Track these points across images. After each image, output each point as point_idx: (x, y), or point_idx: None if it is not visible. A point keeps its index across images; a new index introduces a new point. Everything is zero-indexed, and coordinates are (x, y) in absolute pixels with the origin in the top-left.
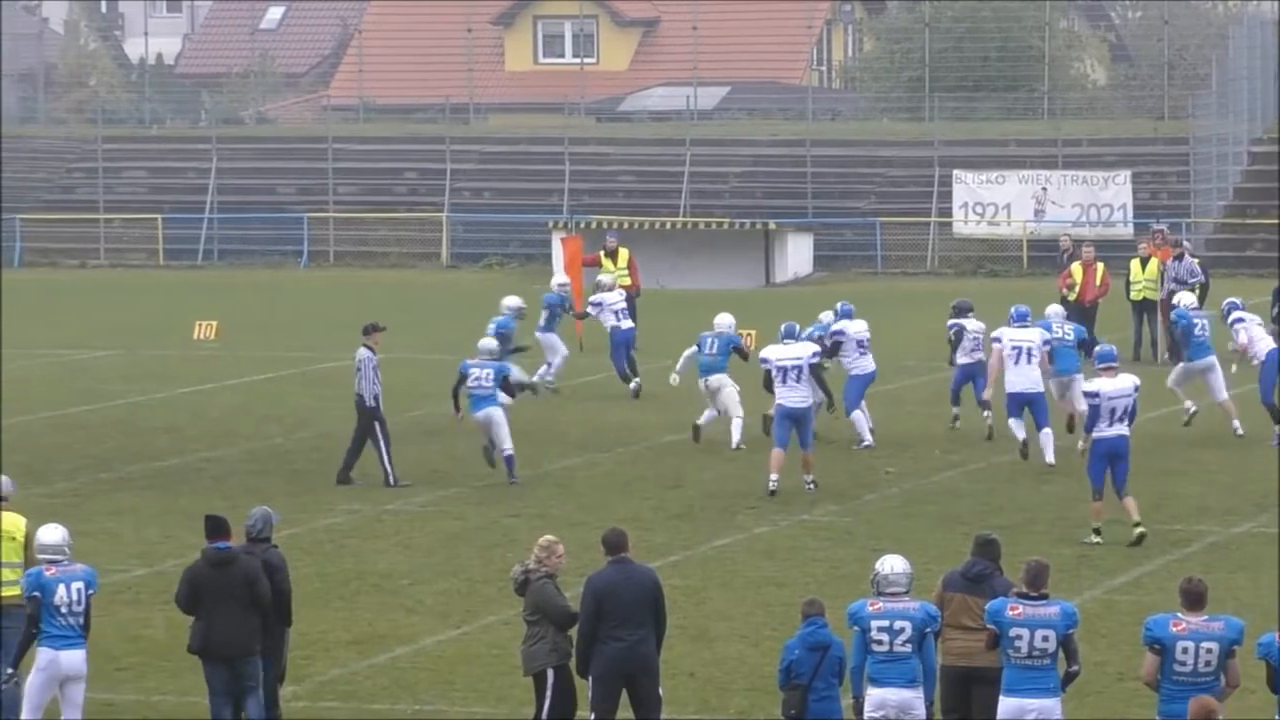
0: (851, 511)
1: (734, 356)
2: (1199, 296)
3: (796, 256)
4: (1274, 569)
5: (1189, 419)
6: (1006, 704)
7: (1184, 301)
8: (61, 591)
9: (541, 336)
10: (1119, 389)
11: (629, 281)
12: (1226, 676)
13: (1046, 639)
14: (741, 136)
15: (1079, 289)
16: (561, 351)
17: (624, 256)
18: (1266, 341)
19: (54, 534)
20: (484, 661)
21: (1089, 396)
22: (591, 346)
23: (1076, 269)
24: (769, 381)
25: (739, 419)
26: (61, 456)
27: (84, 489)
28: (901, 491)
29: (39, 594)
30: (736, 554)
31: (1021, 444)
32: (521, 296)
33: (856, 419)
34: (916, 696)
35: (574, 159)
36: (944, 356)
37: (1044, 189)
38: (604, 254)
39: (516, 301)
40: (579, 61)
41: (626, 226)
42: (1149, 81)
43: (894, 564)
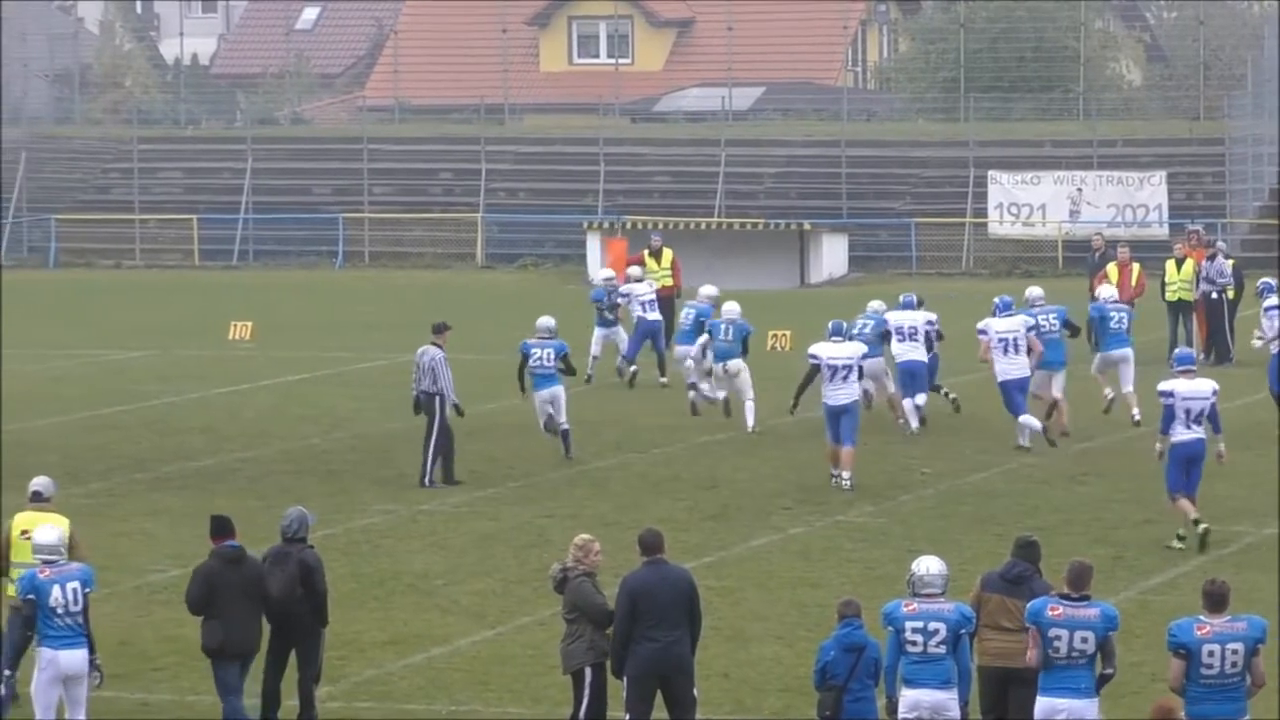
0: (886, 512)
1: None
2: (1234, 297)
3: (831, 257)
4: None
5: (1107, 406)
6: (1042, 704)
7: (1103, 295)
8: (56, 593)
9: (601, 333)
10: (1195, 391)
11: (671, 281)
12: (1252, 675)
13: (1085, 640)
14: (776, 137)
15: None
16: (623, 335)
17: (667, 256)
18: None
19: (49, 534)
20: (519, 662)
21: (1163, 396)
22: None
23: (1112, 269)
24: (811, 377)
25: (750, 401)
26: (97, 457)
27: (119, 489)
28: (937, 492)
29: (34, 596)
30: (771, 555)
31: (1040, 429)
32: (534, 297)
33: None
34: (950, 698)
35: (609, 159)
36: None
37: (1079, 189)
38: (648, 253)
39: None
40: (614, 62)
41: (662, 227)
42: (1184, 82)
43: (929, 565)
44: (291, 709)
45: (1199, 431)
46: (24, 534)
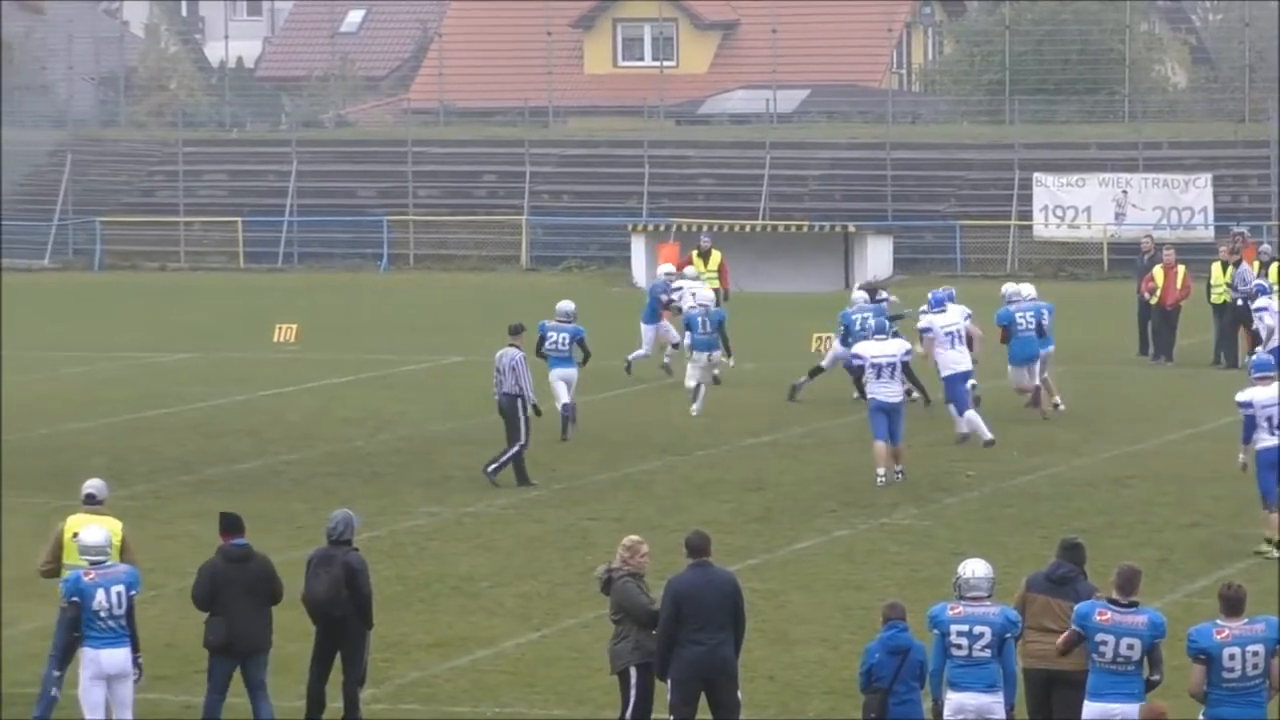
0: (931, 514)
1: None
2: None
3: (876, 259)
4: None
5: (1030, 400)
6: (1091, 708)
7: (1024, 292)
8: (100, 596)
9: (645, 328)
10: (1270, 398)
11: (718, 283)
12: (1269, 678)
13: (1131, 647)
14: (821, 139)
15: (1160, 292)
16: (672, 337)
17: (715, 258)
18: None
19: (95, 536)
20: (564, 664)
21: (1242, 406)
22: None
23: (1158, 272)
24: (861, 376)
25: (705, 388)
26: (142, 459)
27: (164, 491)
28: (981, 495)
29: (78, 599)
30: (816, 557)
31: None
32: (579, 299)
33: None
34: (995, 701)
35: (653, 162)
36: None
37: (1124, 192)
38: (696, 254)
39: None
40: (658, 64)
41: (706, 229)
42: (1229, 84)
43: (975, 568)
44: (336, 710)
45: None
46: (76, 536)
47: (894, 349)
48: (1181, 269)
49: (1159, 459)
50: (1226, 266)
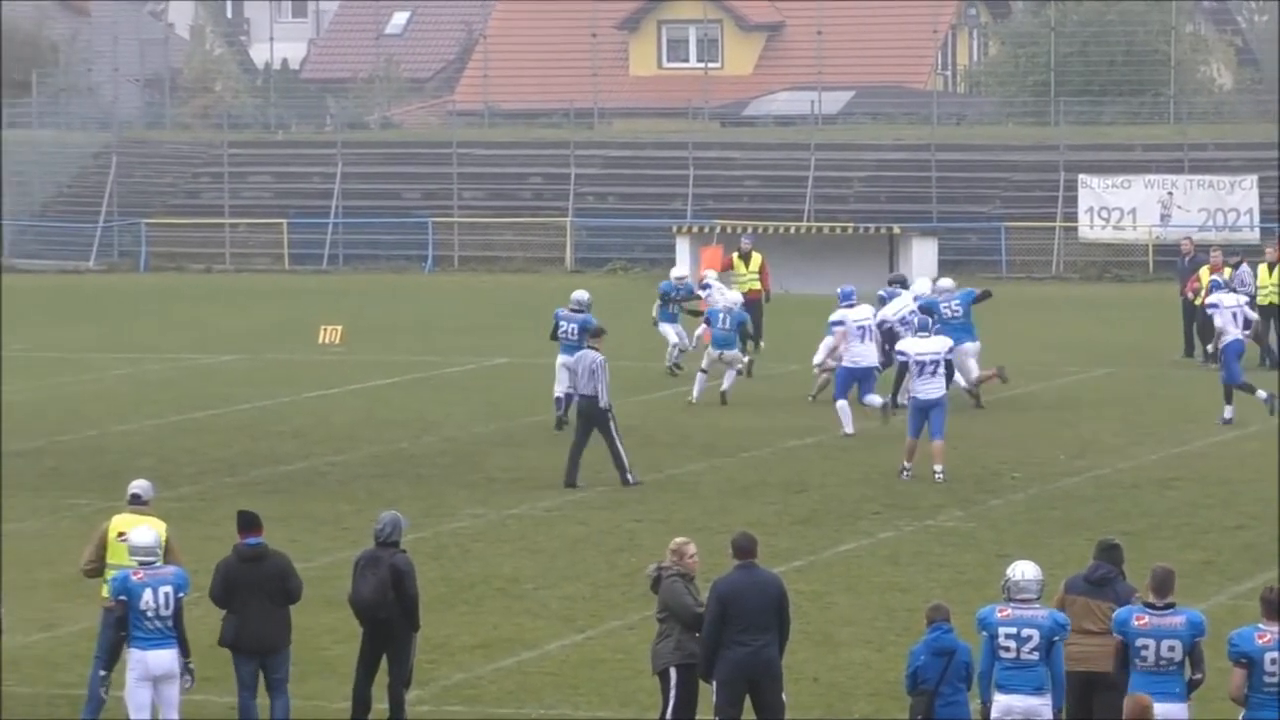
0: (976, 516)
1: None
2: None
3: (921, 261)
4: None
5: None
6: None
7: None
8: (148, 596)
9: (662, 327)
10: None
11: (759, 285)
12: None
13: (1172, 649)
14: (866, 141)
15: (1204, 293)
16: (671, 340)
17: (756, 260)
18: (1231, 334)
19: (145, 536)
20: (608, 666)
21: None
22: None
23: (1204, 273)
24: (903, 373)
25: (732, 373)
26: (187, 460)
27: (210, 493)
28: (1026, 497)
29: (125, 598)
30: (861, 559)
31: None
32: (623, 301)
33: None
34: (1043, 704)
35: (698, 163)
36: (1070, 361)
37: (1170, 193)
38: (737, 256)
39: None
40: (703, 66)
41: (751, 231)
42: (1275, 85)
43: (1025, 570)
44: (382, 712)
45: None
46: (121, 536)
47: (937, 347)
48: (1228, 271)
49: (1204, 461)
50: (1273, 268)
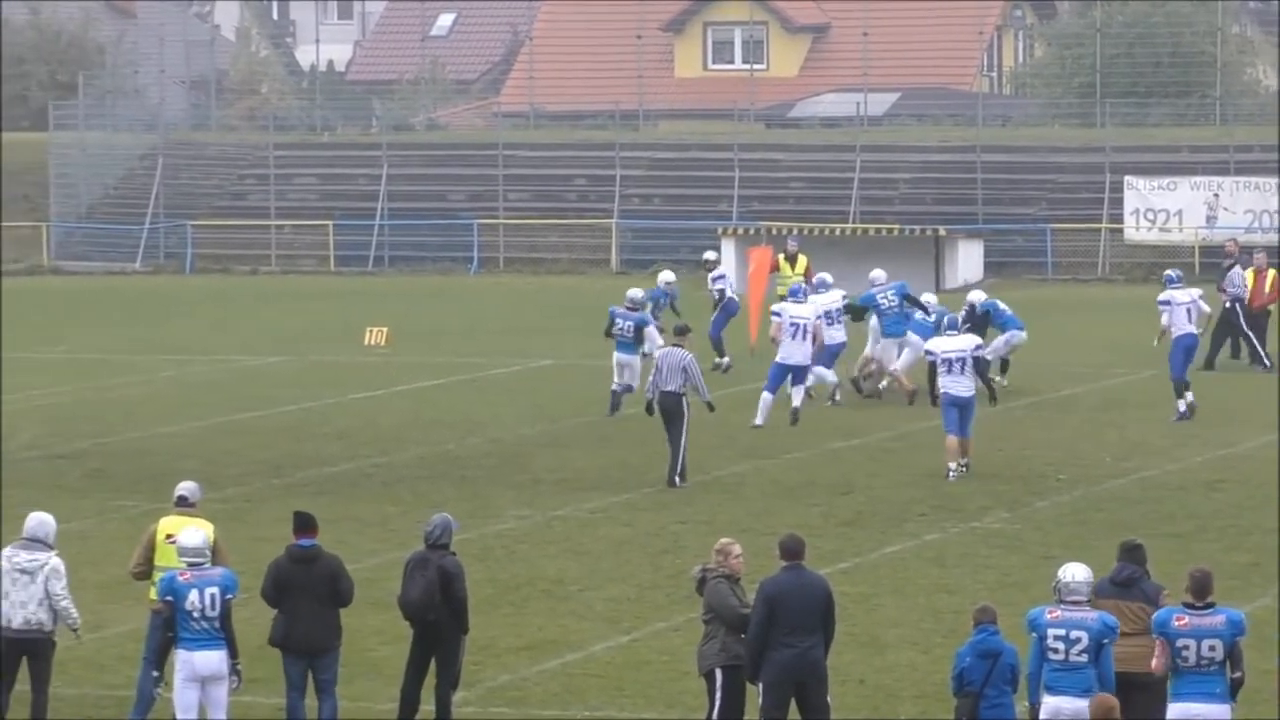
0: (1022, 518)
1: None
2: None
3: (967, 263)
4: None
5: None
6: (1175, 709)
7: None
8: (194, 596)
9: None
10: None
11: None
12: None
13: (1213, 648)
14: (912, 142)
15: (1249, 295)
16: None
17: (802, 263)
18: (1182, 328)
19: (193, 538)
20: (654, 667)
21: None
22: (762, 352)
23: (1249, 274)
24: (934, 372)
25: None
26: (233, 461)
27: (255, 494)
28: (1072, 499)
29: (171, 598)
30: (907, 561)
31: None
32: (689, 314)
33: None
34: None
35: (743, 165)
36: (1117, 362)
37: (1215, 195)
38: (783, 257)
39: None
40: (749, 68)
41: (796, 232)
42: None
43: (1075, 572)
44: (428, 713)
45: None
46: (169, 538)
47: (965, 344)
48: (1272, 272)
49: (1250, 463)
50: None
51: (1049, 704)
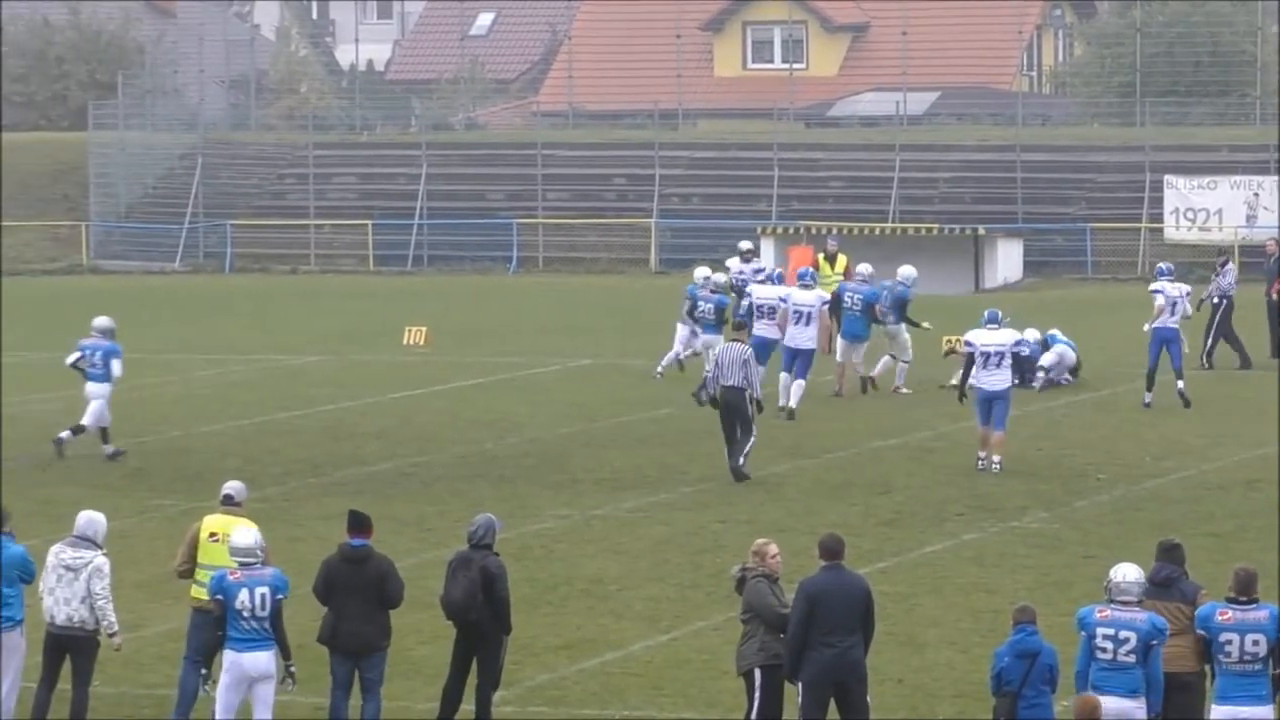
0: (1061, 518)
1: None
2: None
3: (1006, 262)
4: None
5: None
6: (1219, 711)
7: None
8: (244, 596)
9: (680, 325)
10: None
11: None
12: None
13: (1257, 643)
14: (951, 142)
15: None
16: (677, 346)
17: (841, 262)
18: (1163, 321)
19: (245, 537)
20: (693, 667)
21: None
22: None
23: None
24: (970, 364)
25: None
26: (272, 461)
27: (294, 493)
28: (1111, 498)
29: (221, 596)
30: (946, 560)
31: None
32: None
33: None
34: (1137, 706)
35: (783, 164)
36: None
37: (1255, 194)
38: (823, 256)
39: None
40: (788, 67)
41: (835, 232)
42: None
43: (1127, 572)
44: (467, 712)
45: None
46: (212, 536)
47: (1003, 339)
48: None
49: None
50: None
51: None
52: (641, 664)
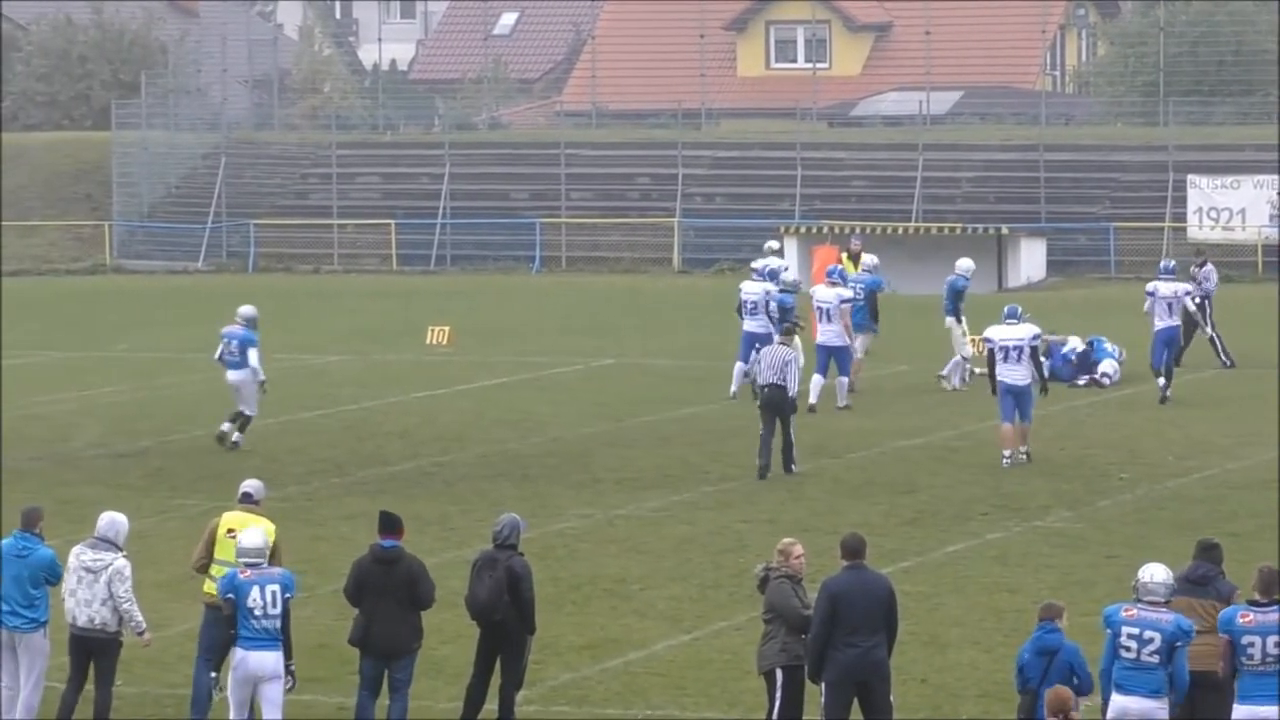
0: (1084, 517)
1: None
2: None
3: (1029, 261)
4: None
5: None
6: (1240, 710)
7: (867, 263)
8: (255, 594)
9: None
10: None
11: None
12: None
13: (1279, 645)
14: (974, 141)
15: None
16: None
17: (865, 261)
18: (1163, 320)
19: (254, 538)
20: (716, 666)
21: None
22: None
23: None
24: (993, 359)
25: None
26: (295, 460)
27: (317, 493)
28: (1135, 498)
29: (233, 595)
30: (969, 560)
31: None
32: (730, 301)
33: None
34: (1159, 707)
35: (806, 164)
36: (1183, 361)
37: (1278, 194)
38: (846, 256)
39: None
40: (811, 66)
41: (859, 231)
42: None
43: (1154, 573)
44: (490, 711)
45: None
46: (230, 532)
47: (1021, 333)
48: None
49: None
50: None
51: (1116, 703)
52: (664, 663)
